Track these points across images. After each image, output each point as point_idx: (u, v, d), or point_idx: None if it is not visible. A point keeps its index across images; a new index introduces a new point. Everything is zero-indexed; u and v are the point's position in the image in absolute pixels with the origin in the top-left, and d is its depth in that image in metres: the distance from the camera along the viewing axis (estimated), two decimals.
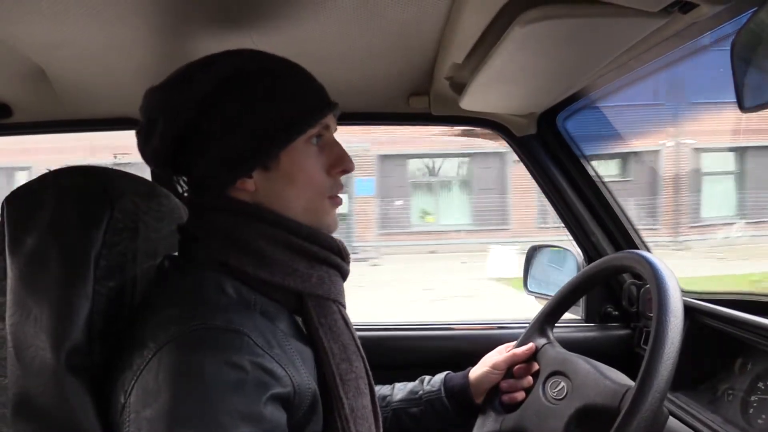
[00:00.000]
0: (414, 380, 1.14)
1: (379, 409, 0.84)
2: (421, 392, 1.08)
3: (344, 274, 0.82)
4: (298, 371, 0.70)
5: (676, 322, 0.83)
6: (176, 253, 0.82)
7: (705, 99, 11.19)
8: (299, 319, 0.79)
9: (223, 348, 0.64)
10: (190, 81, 0.75)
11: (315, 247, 0.77)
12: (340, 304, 0.80)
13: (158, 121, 0.75)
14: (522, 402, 1.04)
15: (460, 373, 1.11)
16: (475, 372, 1.09)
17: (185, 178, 0.80)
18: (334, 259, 0.80)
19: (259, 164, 0.76)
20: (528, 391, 1.05)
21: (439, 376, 1.11)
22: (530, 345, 1.08)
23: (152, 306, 0.71)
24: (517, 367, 1.08)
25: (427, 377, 1.12)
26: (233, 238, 0.75)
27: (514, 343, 1.12)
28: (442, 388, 1.08)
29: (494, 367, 1.07)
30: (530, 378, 1.06)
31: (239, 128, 0.74)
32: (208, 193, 0.78)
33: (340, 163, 0.81)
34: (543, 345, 1.09)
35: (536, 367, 1.06)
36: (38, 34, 0.92)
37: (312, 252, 0.77)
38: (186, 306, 0.68)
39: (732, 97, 0.66)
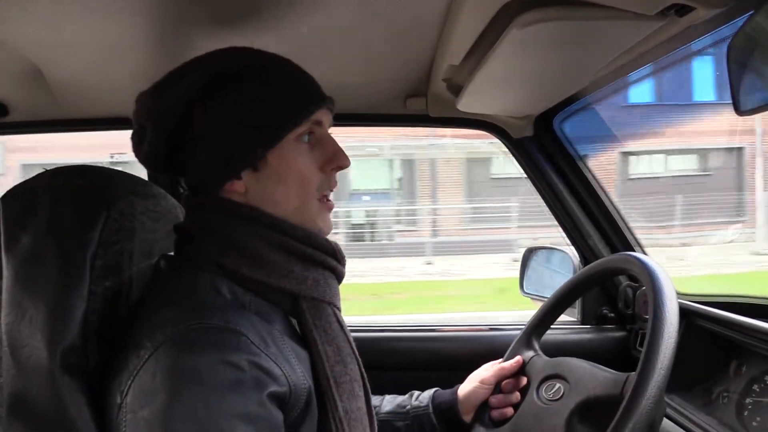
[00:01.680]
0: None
1: (374, 412, 0.84)
2: (408, 407, 1.07)
3: (340, 277, 0.82)
4: (294, 370, 0.70)
5: (673, 306, 0.84)
6: (172, 253, 0.81)
7: None
8: (294, 321, 0.79)
9: (220, 347, 0.64)
10: (174, 85, 0.75)
11: (310, 249, 0.77)
12: (335, 307, 0.80)
13: (146, 126, 0.76)
14: (511, 417, 1.03)
15: (448, 390, 1.10)
16: (464, 388, 1.09)
17: (183, 179, 0.81)
18: (330, 262, 0.79)
19: (245, 165, 0.75)
20: (517, 405, 1.04)
21: (428, 392, 1.10)
22: (517, 358, 1.09)
23: (148, 306, 0.71)
24: (505, 381, 1.08)
25: (417, 392, 1.12)
26: (228, 239, 0.74)
27: (502, 358, 1.12)
28: (430, 405, 1.07)
29: (483, 382, 1.07)
30: (518, 394, 1.06)
31: (221, 130, 0.74)
32: (203, 193, 0.78)
33: (334, 159, 0.80)
34: (531, 357, 1.09)
35: (524, 381, 1.06)
36: (35, 33, 0.92)
37: (307, 254, 0.77)
38: (182, 306, 0.68)
39: None
